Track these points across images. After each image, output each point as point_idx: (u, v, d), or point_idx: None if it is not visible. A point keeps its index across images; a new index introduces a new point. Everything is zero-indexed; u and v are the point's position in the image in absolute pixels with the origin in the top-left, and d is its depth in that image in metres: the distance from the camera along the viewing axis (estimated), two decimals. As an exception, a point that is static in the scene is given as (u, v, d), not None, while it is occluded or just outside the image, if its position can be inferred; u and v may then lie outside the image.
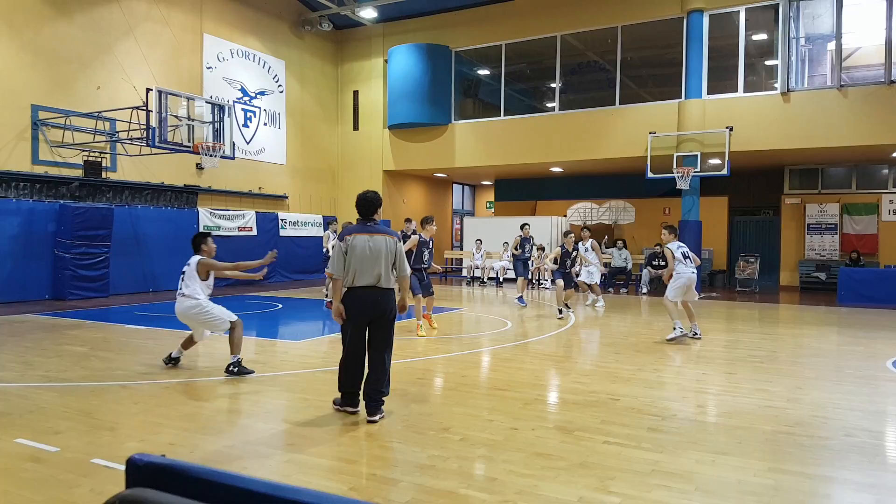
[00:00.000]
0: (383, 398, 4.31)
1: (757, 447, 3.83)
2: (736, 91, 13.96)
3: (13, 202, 11.21)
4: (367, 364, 4.34)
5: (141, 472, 1.24)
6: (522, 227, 12.16)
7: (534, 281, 15.70)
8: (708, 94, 14.15)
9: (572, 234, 10.38)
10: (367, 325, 4.27)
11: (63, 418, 4.30)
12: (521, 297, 11.42)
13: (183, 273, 5.72)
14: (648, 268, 14.63)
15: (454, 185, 23.23)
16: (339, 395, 4.45)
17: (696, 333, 7.79)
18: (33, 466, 3.42)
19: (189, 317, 5.66)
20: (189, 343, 5.91)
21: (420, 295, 8.11)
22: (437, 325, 8.42)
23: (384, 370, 4.30)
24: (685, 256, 7.76)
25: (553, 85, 16.56)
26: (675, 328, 7.56)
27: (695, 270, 7.82)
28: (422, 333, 7.92)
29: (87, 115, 12.12)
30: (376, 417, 4.22)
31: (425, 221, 8.28)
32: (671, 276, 7.79)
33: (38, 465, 3.44)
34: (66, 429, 4.05)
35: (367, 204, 4.40)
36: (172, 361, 5.88)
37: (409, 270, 4.55)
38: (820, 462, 3.66)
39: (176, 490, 1.18)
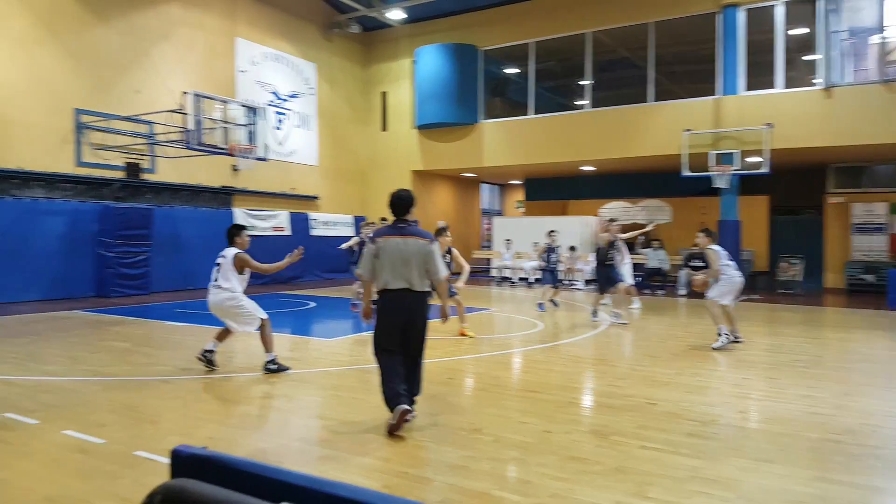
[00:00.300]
0: (415, 398, 4.31)
1: (802, 455, 3.69)
2: (774, 87, 13.52)
3: (59, 203, 11.66)
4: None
5: (184, 462, 1.27)
6: (550, 233, 11.37)
7: (564, 282, 15.44)
8: (746, 90, 13.74)
9: (616, 225, 9.82)
10: (402, 329, 4.21)
11: (108, 411, 4.44)
12: (542, 304, 10.84)
13: (218, 265, 5.64)
14: (687, 269, 14.27)
15: (482, 184, 23.16)
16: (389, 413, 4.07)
17: (738, 337, 7.54)
18: (80, 457, 3.53)
19: (223, 309, 5.61)
20: (224, 335, 5.80)
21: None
22: (474, 334, 7.88)
23: (417, 372, 4.30)
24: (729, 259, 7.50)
25: (583, 82, 16.31)
26: (720, 334, 7.17)
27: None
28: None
29: (127, 119, 12.54)
30: (408, 417, 4.22)
31: (437, 233, 7.78)
32: (705, 281, 7.51)
33: (85, 455, 3.56)
34: (110, 422, 4.18)
35: (401, 203, 4.35)
36: (208, 354, 5.64)
37: (444, 274, 4.36)
38: (870, 472, 3.49)
39: (218, 481, 1.20)
